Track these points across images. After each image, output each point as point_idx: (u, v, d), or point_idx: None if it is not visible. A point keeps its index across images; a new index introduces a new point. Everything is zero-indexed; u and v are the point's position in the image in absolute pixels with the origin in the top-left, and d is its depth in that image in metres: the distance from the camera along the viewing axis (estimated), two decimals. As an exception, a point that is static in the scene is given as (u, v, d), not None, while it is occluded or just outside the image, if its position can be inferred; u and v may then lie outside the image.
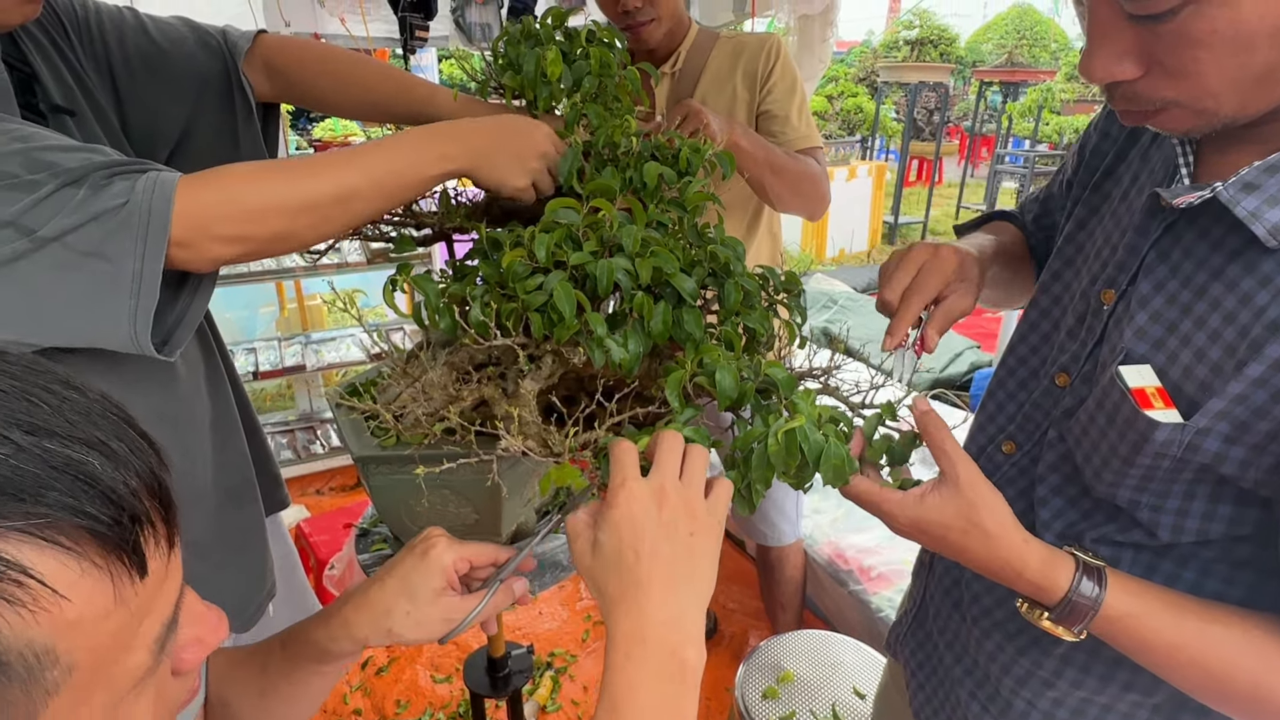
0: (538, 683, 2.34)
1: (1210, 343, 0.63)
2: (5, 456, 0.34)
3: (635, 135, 0.94)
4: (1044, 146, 10.83)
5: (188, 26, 1.05)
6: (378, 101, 1.08)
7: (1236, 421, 0.60)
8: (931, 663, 0.96)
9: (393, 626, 0.69)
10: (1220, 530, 0.66)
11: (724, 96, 1.67)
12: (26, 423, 0.36)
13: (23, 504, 0.34)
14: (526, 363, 0.76)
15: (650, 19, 1.58)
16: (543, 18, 1.01)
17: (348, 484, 3.48)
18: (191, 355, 1.03)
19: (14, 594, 0.33)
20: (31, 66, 0.89)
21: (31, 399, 0.37)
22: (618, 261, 0.73)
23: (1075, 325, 0.78)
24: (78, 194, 0.68)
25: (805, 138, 1.67)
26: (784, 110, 1.65)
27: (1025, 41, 19.46)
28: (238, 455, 1.12)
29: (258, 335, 3.88)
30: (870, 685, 1.73)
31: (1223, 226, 0.64)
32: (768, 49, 1.66)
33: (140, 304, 0.71)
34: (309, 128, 7.18)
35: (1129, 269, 0.71)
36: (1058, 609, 0.67)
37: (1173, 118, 0.63)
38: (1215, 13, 0.54)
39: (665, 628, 0.56)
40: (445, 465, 0.71)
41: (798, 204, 1.62)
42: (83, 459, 0.36)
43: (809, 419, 0.66)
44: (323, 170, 0.80)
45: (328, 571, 1.95)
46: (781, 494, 2.02)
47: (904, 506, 0.70)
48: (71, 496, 0.35)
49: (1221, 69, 0.57)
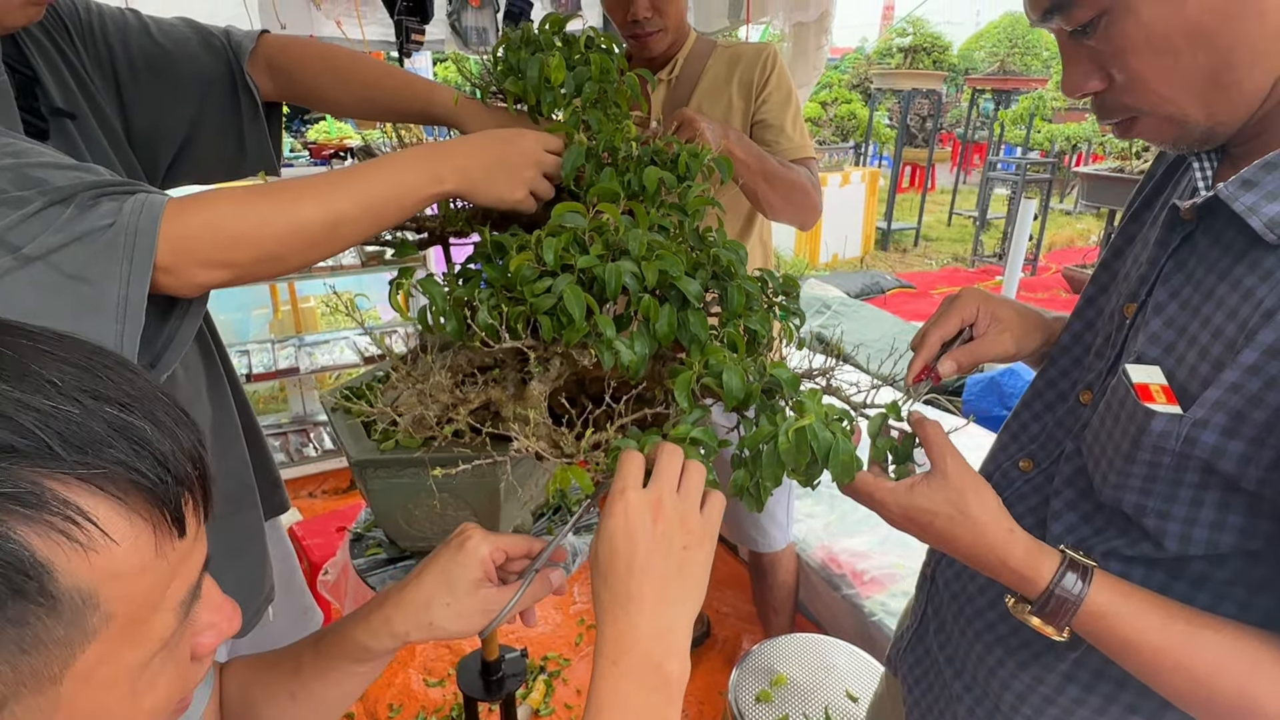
0: (531, 686, 2.34)
1: (1213, 340, 0.64)
2: (73, 415, 0.39)
3: (635, 140, 0.95)
4: (1036, 154, 10.90)
5: (191, 28, 1.05)
6: (378, 98, 1.08)
7: (1233, 411, 0.60)
8: (929, 678, 0.95)
9: (433, 619, 0.70)
10: (1231, 542, 0.65)
11: (720, 104, 1.69)
12: (92, 390, 0.40)
13: (85, 456, 0.38)
14: (536, 365, 0.77)
15: (658, 29, 1.61)
16: (541, 23, 1.02)
17: (340, 487, 3.47)
18: (191, 360, 1.03)
19: (73, 532, 0.37)
20: (33, 69, 0.88)
21: (96, 373, 0.41)
22: (625, 265, 0.74)
23: (1103, 345, 0.80)
24: (64, 213, 0.67)
25: (799, 148, 1.69)
26: (779, 120, 1.67)
27: (1017, 50, 19.58)
28: (237, 460, 1.11)
29: (251, 338, 3.86)
30: (863, 689, 1.74)
31: (1231, 229, 0.65)
32: (764, 59, 1.69)
33: (126, 329, 0.70)
34: (303, 130, 7.16)
35: (1149, 280, 0.73)
36: (1039, 602, 0.68)
37: (1149, 126, 0.67)
38: (1124, 20, 0.61)
39: (652, 640, 0.58)
40: (461, 467, 0.72)
41: (790, 213, 1.64)
42: (139, 425, 0.41)
43: (819, 417, 0.68)
44: (311, 195, 0.78)
45: (322, 577, 1.93)
46: (772, 500, 1.99)
47: (895, 495, 0.72)
48: (126, 455, 0.40)
49: (1157, 74, 0.62)
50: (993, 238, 9.16)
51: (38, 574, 0.36)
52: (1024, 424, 0.89)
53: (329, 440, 3.49)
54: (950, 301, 0.91)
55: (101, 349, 0.44)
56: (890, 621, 2.14)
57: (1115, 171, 5.89)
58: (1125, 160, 5.93)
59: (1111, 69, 0.65)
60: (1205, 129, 0.65)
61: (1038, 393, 0.89)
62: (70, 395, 0.39)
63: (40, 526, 0.36)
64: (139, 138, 1.01)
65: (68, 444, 0.38)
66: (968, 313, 0.89)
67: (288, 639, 0.96)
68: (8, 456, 0.36)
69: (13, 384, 0.38)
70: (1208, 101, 0.63)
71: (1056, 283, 7.54)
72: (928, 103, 10.85)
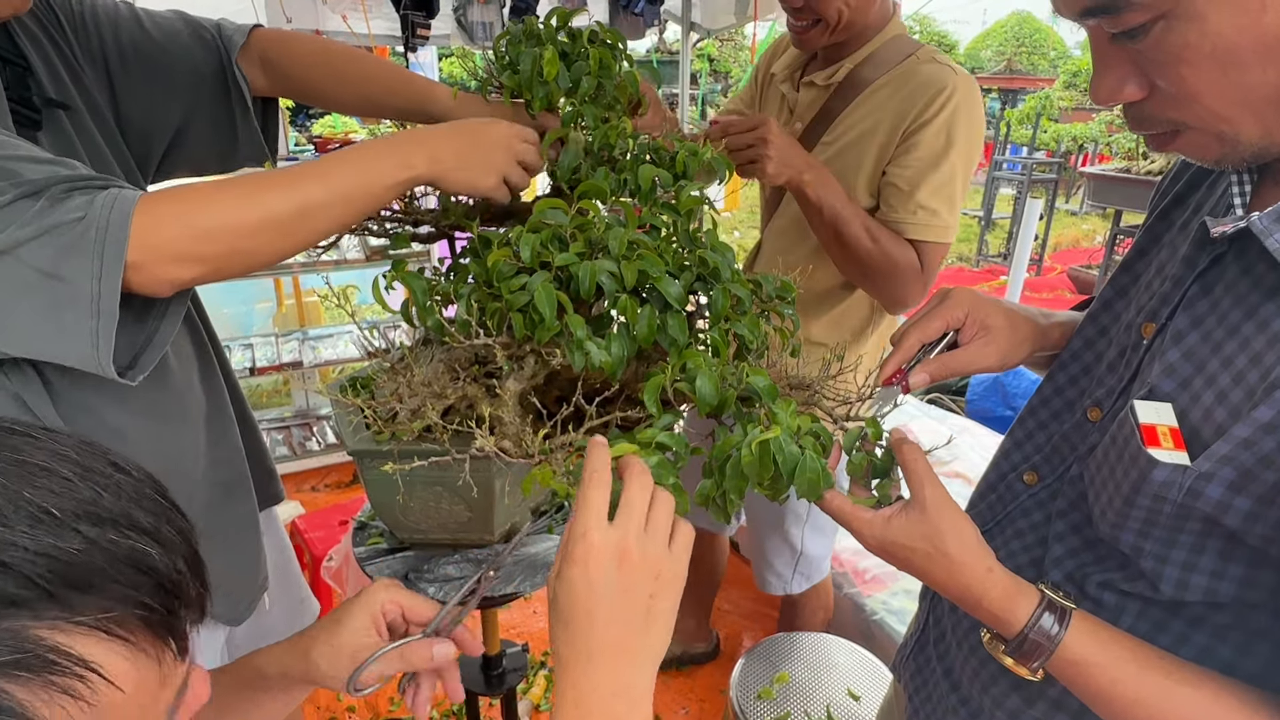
0: (531, 681, 2.34)
1: (1233, 385, 0.59)
2: (76, 551, 0.37)
3: (632, 137, 0.95)
4: (1042, 154, 10.85)
5: (183, 20, 1.05)
6: (374, 95, 1.08)
7: (1242, 469, 0.56)
8: (929, 688, 0.94)
9: (311, 654, 0.69)
10: (1231, 592, 0.62)
11: (866, 129, 1.35)
12: (91, 513, 0.39)
13: (90, 597, 0.37)
14: (507, 362, 0.77)
15: (812, 22, 1.32)
16: (546, 18, 1.02)
17: (343, 480, 3.48)
18: (184, 350, 1.03)
19: (76, 688, 0.36)
20: (26, 60, 0.88)
21: (93, 484, 0.40)
22: (602, 264, 0.73)
23: (1116, 359, 0.75)
24: (34, 206, 0.67)
25: (919, 226, 1.31)
26: (914, 179, 1.30)
27: (1024, 49, 19.51)
28: (231, 450, 1.11)
29: (255, 331, 3.87)
30: (864, 687, 1.74)
31: (1264, 262, 0.60)
32: (934, 93, 1.28)
33: (101, 325, 0.69)
34: (308, 124, 7.17)
35: (1171, 301, 0.68)
36: (1014, 642, 0.66)
37: (1192, 142, 0.60)
38: (1186, 28, 0.53)
39: (613, 699, 0.55)
40: (417, 463, 0.72)
41: (865, 285, 1.37)
42: (143, 549, 0.40)
43: (787, 430, 0.65)
44: (280, 184, 0.77)
45: (325, 563, 1.95)
46: (773, 548, 1.83)
47: (872, 527, 0.70)
48: (133, 588, 0.39)
49: (1214, 88, 0.55)
50: (998, 238, 9.13)
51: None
52: (1029, 432, 0.86)
53: (331, 434, 3.50)
54: (941, 299, 0.84)
55: (90, 444, 0.42)
56: (891, 620, 2.14)
57: (1121, 172, 5.86)
58: (1131, 160, 5.90)
59: (1157, 78, 0.57)
60: (1257, 149, 0.58)
61: (1044, 399, 0.85)
62: (69, 525, 0.38)
63: (45, 690, 0.35)
64: (131, 129, 1.01)
65: (71, 587, 0.37)
66: (955, 316, 0.83)
67: (283, 630, 0.96)
68: (9, 613, 0.35)
69: (9, 519, 0.36)
70: (1266, 120, 0.56)
71: (1061, 283, 7.52)
72: (934, 101, 10.80)
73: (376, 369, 1.04)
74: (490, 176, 0.89)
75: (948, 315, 0.82)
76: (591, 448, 0.60)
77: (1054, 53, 19.70)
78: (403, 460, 0.73)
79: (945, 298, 0.84)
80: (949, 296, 0.84)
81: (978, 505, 0.89)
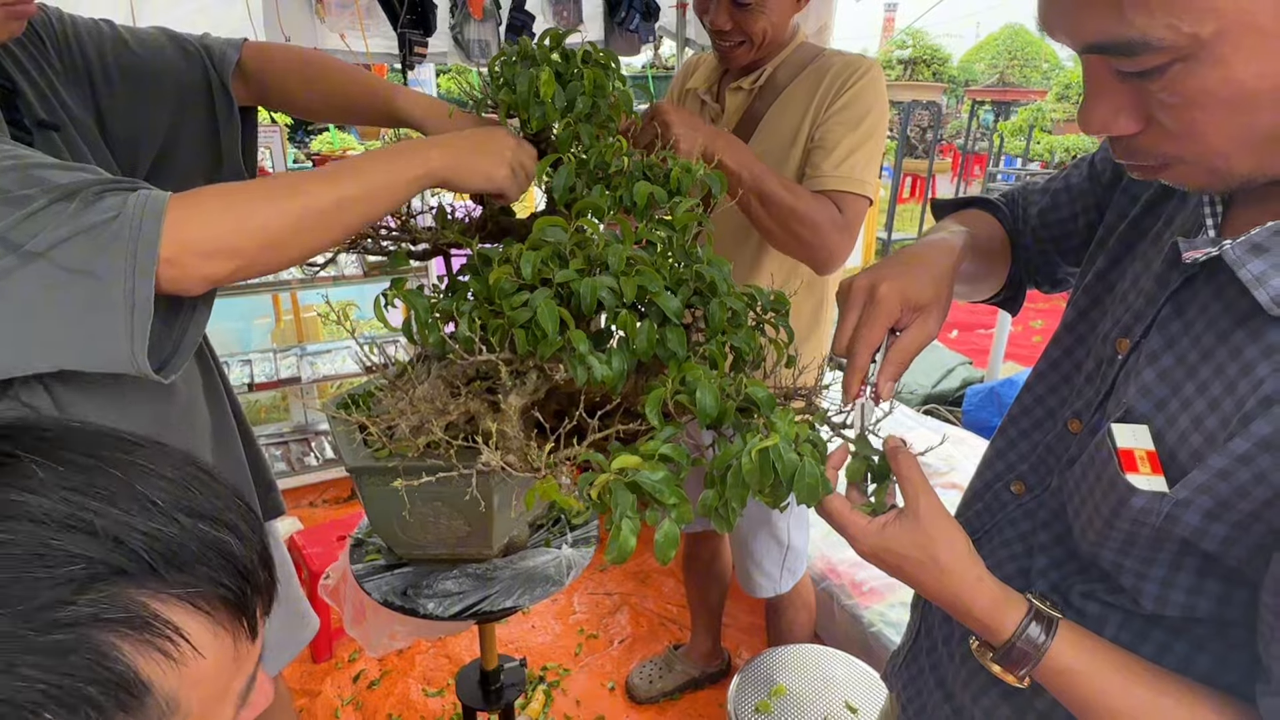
0: (530, 696, 2.33)
1: (1209, 411, 0.60)
2: (174, 534, 0.44)
3: (627, 155, 0.96)
4: (1035, 165, 10.94)
5: (166, 36, 1.07)
6: (341, 103, 1.11)
7: (1219, 497, 0.57)
8: (922, 697, 0.94)
9: None
10: (1208, 608, 0.63)
11: (791, 120, 1.46)
12: (188, 507, 0.46)
13: (183, 574, 0.44)
14: (510, 378, 0.78)
15: (738, 42, 1.44)
16: (540, 38, 1.03)
17: (341, 496, 3.48)
18: (189, 370, 1.04)
19: (167, 648, 0.42)
20: (13, 82, 0.89)
21: (189, 487, 0.47)
22: (602, 280, 0.74)
23: (1094, 370, 0.75)
24: (69, 207, 0.68)
25: (839, 178, 1.37)
26: (834, 140, 1.38)
27: (1017, 62, 19.68)
28: (235, 463, 1.13)
29: (253, 347, 3.87)
30: (862, 700, 1.73)
31: (1235, 287, 0.59)
32: (850, 72, 1.42)
33: (136, 321, 0.70)
34: (307, 141, 7.21)
35: (1145, 319, 0.68)
36: (1001, 650, 0.67)
37: (1182, 174, 0.59)
38: (1206, 72, 0.50)
39: None
40: (424, 479, 0.73)
41: (792, 247, 1.38)
42: (226, 540, 0.47)
43: (785, 438, 0.67)
44: (317, 179, 0.81)
45: (323, 581, 1.94)
46: (761, 546, 1.84)
47: (866, 533, 0.71)
48: (216, 571, 0.45)
49: (1222, 129, 0.54)
50: (993, 248, 9.15)
51: (139, 691, 0.41)
52: (1011, 440, 0.87)
53: (330, 449, 3.50)
54: (866, 301, 0.78)
55: (191, 458, 0.50)
56: (889, 632, 2.14)
57: (1114, 182, 5.90)
58: (1124, 171, 5.95)
59: (1161, 116, 0.55)
60: (1245, 179, 0.58)
61: (1025, 408, 0.86)
62: (170, 514, 0.44)
63: (144, 647, 0.41)
64: (119, 145, 1.02)
65: (169, 564, 0.43)
66: (893, 316, 0.78)
67: (282, 645, 0.97)
68: (120, 580, 0.41)
69: (122, 506, 0.43)
70: (1261, 155, 0.55)
71: (1057, 293, 7.54)
72: (927, 114, 10.89)
73: (375, 385, 1.05)
74: (503, 167, 0.93)
75: (885, 319, 0.78)
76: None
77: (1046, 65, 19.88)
78: (408, 477, 0.74)
79: (873, 299, 0.78)
80: (877, 297, 0.78)
81: (965, 513, 0.90)
